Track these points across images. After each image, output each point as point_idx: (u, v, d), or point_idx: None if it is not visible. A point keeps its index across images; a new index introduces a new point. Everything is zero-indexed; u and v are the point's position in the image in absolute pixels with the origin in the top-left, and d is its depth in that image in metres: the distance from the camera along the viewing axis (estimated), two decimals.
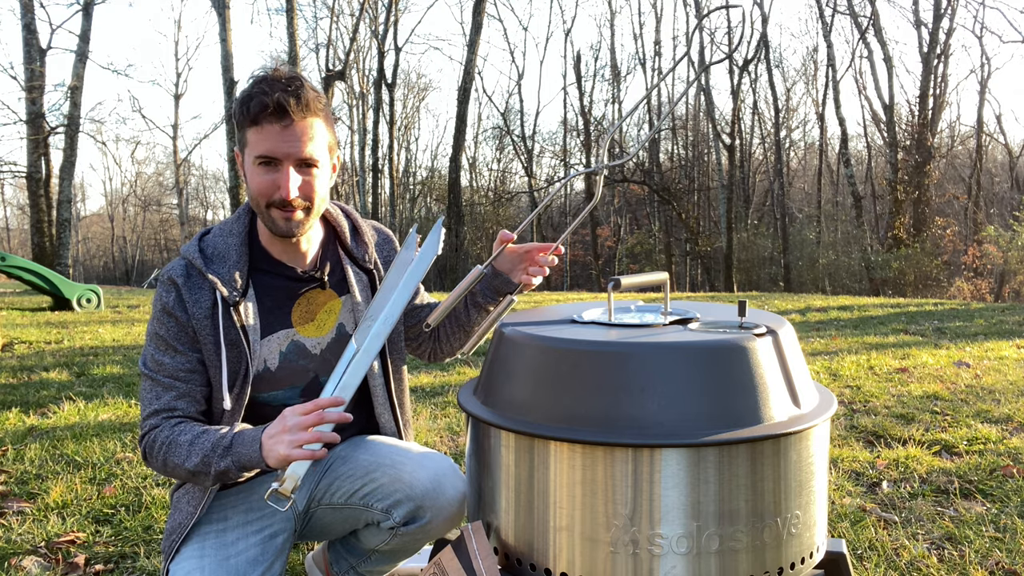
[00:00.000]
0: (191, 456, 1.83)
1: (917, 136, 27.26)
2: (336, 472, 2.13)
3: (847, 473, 3.61)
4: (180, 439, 1.86)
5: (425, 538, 2.09)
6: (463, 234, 25.33)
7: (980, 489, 3.37)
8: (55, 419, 4.71)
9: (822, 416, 1.52)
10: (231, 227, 2.04)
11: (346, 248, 2.15)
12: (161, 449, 1.89)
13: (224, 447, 1.80)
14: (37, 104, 21.95)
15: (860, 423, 4.40)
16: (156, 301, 1.97)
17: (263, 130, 1.84)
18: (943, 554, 2.76)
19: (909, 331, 8.38)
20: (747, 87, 36.18)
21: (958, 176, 35.98)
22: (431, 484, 2.01)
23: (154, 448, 1.91)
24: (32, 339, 8.36)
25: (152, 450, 1.91)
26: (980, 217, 31.10)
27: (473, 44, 24.43)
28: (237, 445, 1.79)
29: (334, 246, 2.16)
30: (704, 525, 1.40)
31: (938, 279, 25.21)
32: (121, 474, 3.64)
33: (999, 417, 4.49)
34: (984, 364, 6.17)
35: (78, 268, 46.70)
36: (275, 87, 1.82)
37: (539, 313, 1.84)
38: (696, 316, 1.72)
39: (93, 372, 6.31)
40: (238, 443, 1.79)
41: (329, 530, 2.19)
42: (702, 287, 35.41)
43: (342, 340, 2.12)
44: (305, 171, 1.90)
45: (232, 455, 1.79)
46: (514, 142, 39.99)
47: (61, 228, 21.79)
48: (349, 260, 2.15)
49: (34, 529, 3.02)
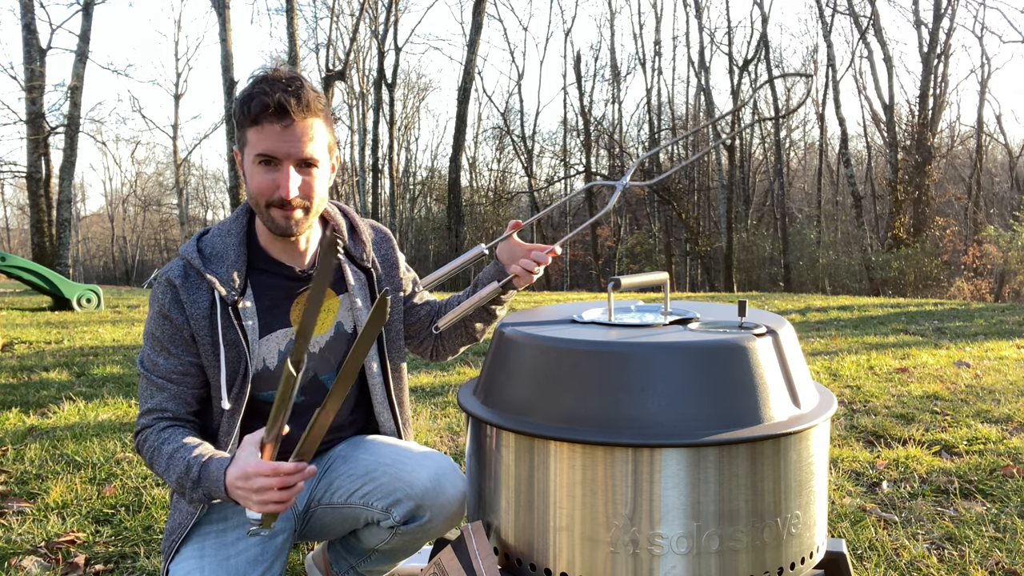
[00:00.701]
0: (168, 472, 1.86)
1: (917, 136, 27.25)
2: (336, 472, 2.13)
3: (847, 473, 3.61)
4: (163, 448, 1.88)
5: (425, 537, 2.09)
6: (463, 234, 25.33)
7: (980, 489, 3.37)
8: (55, 419, 4.70)
9: (822, 416, 1.52)
10: (229, 227, 2.04)
11: (344, 247, 2.15)
12: (148, 453, 1.92)
13: (193, 481, 1.81)
14: (37, 104, 21.95)
15: (860, 423, 4.40)
16: (153, 302, 1.98)
17: (263, 130, 1.84)
18: (943, 554, 2.76)
19: (909, 331, 8.37)
20: (747, 87, 36.21)
21: (958, 176, 35.99)
22: (431, 483, 2.02)
23: (143, 449, 1.95)
24: (32, 339, 8.36)
25: (142, 450, 1.95)
26: (980, 217, 31.10)
27: (473, 44, 24.46)
28: (204, 480, 1.79)
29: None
30: (704, 525, 1.40)
31: (938, 279, 25.21)
32: (121, 474, 3.64)
33: (999, 417, 4.49)
34: (984, 364, 6.17)
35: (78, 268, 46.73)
36: (276, 87, 1.82)
37: (539, 313, 1.84)
38: (696, 316, 1.72)
39: (93, 372, 6.31)
40: (205, 478, 1.79)
41: (329, 530, 2.19)
42: (702, 287, 35.41)
43: (340, 338, 2.13)
44: (305, 171, 1.90)
45: (202, 488, 1.81)
46: (514, 142, 39.98)
47: (61, 228, 21.79)
48: (347, 259, 2.15)
49: (34, 529, 3.02)
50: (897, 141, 28.57)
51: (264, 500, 1.68)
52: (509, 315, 1.89)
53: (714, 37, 35.01)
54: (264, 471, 1.66)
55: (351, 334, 2.14)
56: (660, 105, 38.33)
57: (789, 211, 35.18)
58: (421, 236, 43.41)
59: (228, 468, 1.74)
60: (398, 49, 34.15)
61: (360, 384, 2.19)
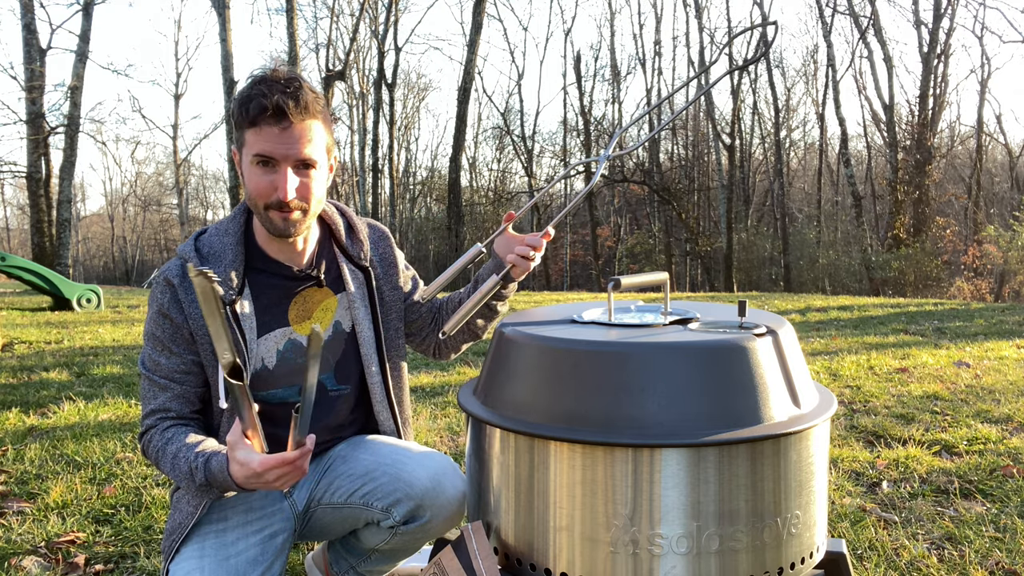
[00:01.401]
0: (174, 472, 1.87)
1: (917, 136, 27.25)
2: (336, 471, 2.13)
3: (847, 473, 3.61)
4: (167, 449, 1.89)
5: (425, 537, 2.09)
6: (463, 234, 25.33)
7: (980, 489, 3.37)
8: (55, 419, 4.70)
9: (822, 416, 1.52)
10: (227, 226, 2.04)
11: (341, 246, 2.15)
12: (153, 453, 1.93)
13: (200, 484, 1.82)
14: (37, 104, 21.96)
15: (860, 423, 4.40)
16: (152, 302, 1.98)
17: (261, 131, 1.84)
18: (943, 554, 2.76)
19: (909, 331, 8.38)
20: (747, 87, 36.25)
21: (958, 176, 36.00)
22: (431, 483, 2.02)
23: (148, 450, 1.95)
24: (32, 339, 8.36)
25: (148, 451, 1.96)
26: (980, 217, 31.09)
27: (473, 44, 24.43)
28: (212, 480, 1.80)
29: (329, 244, 2.16)
30: (704, 525, 1.40)
31: (938, 279, 25.21)
32: (121, 474, 3.64)
33: (999, 417, 4.49)
34: (984, 364, 6.17)
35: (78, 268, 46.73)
36: (274, 89, 1.82)
37: (539, 313, 1.84)
38: (696, 316, 1.72)
39: (93, 372, 6.31)
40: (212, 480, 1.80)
41: (329, 530, 2.19)
42: (702, 287, 35.41)
43: (339, 337, 2.13)
44: (303, 172, 1.90)
45: (215, 488, 1.82)
46: (514, 142, 39.99)
47: (61, 228, 21.80)
48: (345, 258, 2.15)
49: (34, 529, 3.02)
50: (897, 141, 28.57)
51: (284, 483, 1.71)
52: (509, 315, 1.89)
53: (714, 37, 34.94)
54: (272, 464, 1.66)
55: (349, 333, 2.14)
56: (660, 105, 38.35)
57: (789, 211, 35.19)
58: (421, 236, 43.44)
59: (230, 469, 1.74)
60: (398, 49, 34.16)
61: (359, 384, 2.19)
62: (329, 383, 2.14)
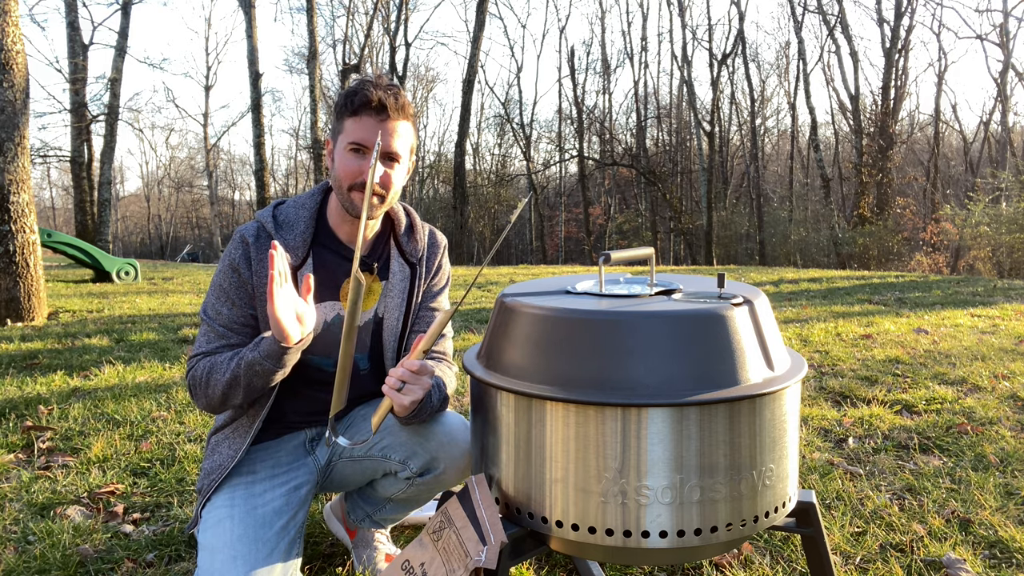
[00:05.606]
0: (232, 363, 1.86)
1: (880, 124, 27.13)
2: (357, 428, 2.14)
3: (816, 430, 3.61)
4: (218, 359, 1.89)
5: (438, 487, 2.09)
6: (467, 213, 25.29)
7: (937, 445, 3.37)
8: (96, 381, 4.70)
9: (794, 378, 1.51)
10: (304, 201, 2.07)
11: (398, 241, 2.16)
12: (205, 368, 1.90)
13: (264, 352, 1.81)
14: (80, 95, 21.94)
15: (828, 384, 4.39)
16: (225, 256, 2.00)
17: (361, 121, 1.90)
18: (904, 503, 2.76)
19: (873, 301, 8.36)
20: (725, 79, 36.06)
21: (917, 160, 35.90)
22: (445, 438, 2.03)
23: (197, 368, 1.92)
24: (75, 308, 8.35)
25: (196, 370, 1.92)
26: (937, 197, 31.04)
27: (476, 40, 24.31)
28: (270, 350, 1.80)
29: (388, 237, 2.17)
30: (686, 477, 1.40)
31: (899, 254, 25.19)
32: (156, 431, 3.64)
33: (955, 379, 4.49)
34: (941, 331, 6.16)
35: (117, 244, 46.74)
36: (379, 88, 1.90)
37: (536, 284, 1.83)
38: (679, 287, 1.71)
39: (131, 338, 6.30)
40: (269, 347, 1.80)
41: (349, 481, 2.19)
42: (684, 261, 35.37)
43: (376, 321, 2.14)
44: (388, 164, 1.96)
45: (268, 363, 1.81)
46: (514, 129, 39.85)
47: (102, 207, 21.78)
48: (398, 252, 2.15)
49: (77, 481, 3.02)
50: (862, 128, 28.46)
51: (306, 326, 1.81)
52: (508, 286, 1.88)
53: (695, 34, 34.74)
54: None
55: (380, 319, 2.13)
56: (646, 95, 38.20)
57: (764, 192, 35.11)
58: (429, 215, 43.34)
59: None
60: (408, 44, 33.98)
61: (377, 349, 2.17)
62: (362, 363, 2.15)
